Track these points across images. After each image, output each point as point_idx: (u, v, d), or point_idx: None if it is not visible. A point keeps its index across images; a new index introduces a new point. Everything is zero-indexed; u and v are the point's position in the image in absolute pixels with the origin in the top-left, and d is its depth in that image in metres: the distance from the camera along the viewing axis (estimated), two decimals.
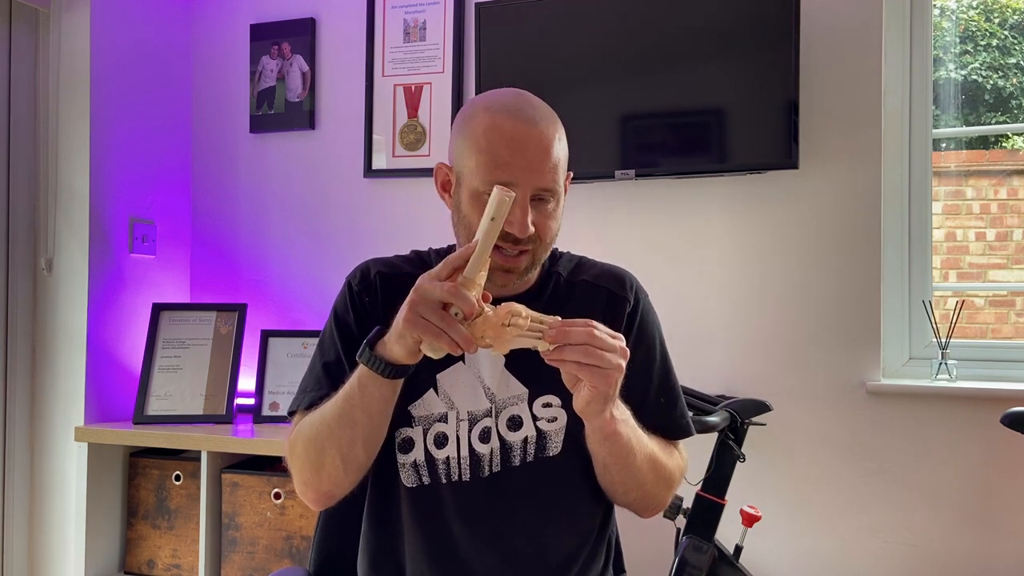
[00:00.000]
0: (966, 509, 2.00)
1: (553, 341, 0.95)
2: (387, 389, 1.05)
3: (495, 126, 1.09)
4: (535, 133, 1.09)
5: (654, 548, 1.95)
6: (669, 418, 1.23)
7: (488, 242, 0.97)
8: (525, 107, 1.12)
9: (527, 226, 1.08)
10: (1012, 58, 2.46)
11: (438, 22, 2.45)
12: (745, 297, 2.19)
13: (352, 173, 2.55)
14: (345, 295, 1.22)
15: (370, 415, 1.06)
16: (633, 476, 1.13)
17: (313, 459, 1.10)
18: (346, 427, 1.07)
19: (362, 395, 1.05)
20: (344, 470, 1.10)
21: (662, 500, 1.21)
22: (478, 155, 1.09)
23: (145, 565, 2.35)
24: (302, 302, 2.59)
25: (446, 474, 1.15)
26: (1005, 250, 2.76)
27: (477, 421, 1.16)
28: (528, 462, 1.15)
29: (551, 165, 1.10)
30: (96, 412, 2.36)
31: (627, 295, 1.22)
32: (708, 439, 1.86)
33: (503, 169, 1.08)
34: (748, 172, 2.14)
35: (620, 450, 1.09)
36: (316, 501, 1.15)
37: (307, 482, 1.13)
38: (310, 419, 1.13)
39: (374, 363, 1.02)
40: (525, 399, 1.16)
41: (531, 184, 1.08)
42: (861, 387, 2.08)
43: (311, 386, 1.18)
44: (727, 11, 2.11)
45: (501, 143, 1.08)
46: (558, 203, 1.14)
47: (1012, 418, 1.68)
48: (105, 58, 2.39)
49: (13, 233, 2.37)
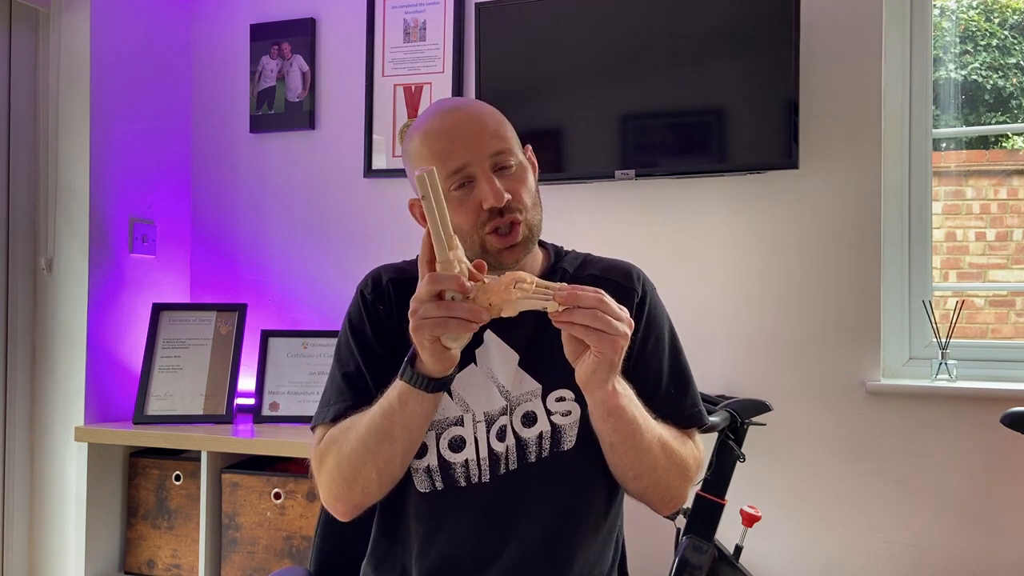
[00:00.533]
0: (966, 509, 2.00)
1: (564, 302, 0.96)
2: (429, 404, 1.06)
3: (427, 131, 1.14)
4: (462, 114, 1.14)
5: (654, 548, 1.95)
6: (680, 407, 1.21)
7: (438, 219, 0.95)
8: (445, 104, 1.17)
9: (500, 192, 1.10)
10: (1012, 58, 2.46)
11: (438, 22, 2.45)
12: (745, 297, 2.19)
13: (352, 173, 2.55)
14: (359, 304, 1.21)
15: (411, 430, 1.07)
16: (643, 458, 1.11)
17: (346, 474, 1.10)
18: (385, 443, 1.07)
19: (403, 411, 1.05)
20: (379, 484, 1.10)
21: (678, 491, 1.18)
22: (426, 163, 1.12)
23: (145, 565, 2.35)
24: (302, 302, 2.59)
25: (465, 477, 1.14)
26: (1005, 250, 2.76)
27: (494, 421, 1.15)
28: (544, 458, 1.14)
29: (491, 132, 1.13)
30: (96, 412, 2.36)
31: (635, 286, 1.22)
32: (708, 439, 1.86)
33: (450, 157, 1.11)
34: (748, 172, 2.14)
35: (625, 426, 1.07)
36: (346, 513, 1.15)
37: (337, 496, 1.13)
38: (341, 434, 1.12)
39: (417, 380, 1.02)
40: (539, 394, 1.15)
41: (481, 155, 1.11)
42: (861, 387, 2.08)
43: (334, 398, 1.17)
44: (727, 11, 2.11)
45: (437, 139, 1.12)
46: (523, 168, 1.16)
47: (1012, 418, 1.68)
48: (105, 58, 2.39)
49: (13, 233, 2.37)
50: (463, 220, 1.12)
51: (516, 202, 1.12)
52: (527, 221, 1.14)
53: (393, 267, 1.24)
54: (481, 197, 1.10)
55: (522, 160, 1.16)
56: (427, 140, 1.13)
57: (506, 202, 1.10)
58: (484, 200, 1.10)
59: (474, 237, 1.13)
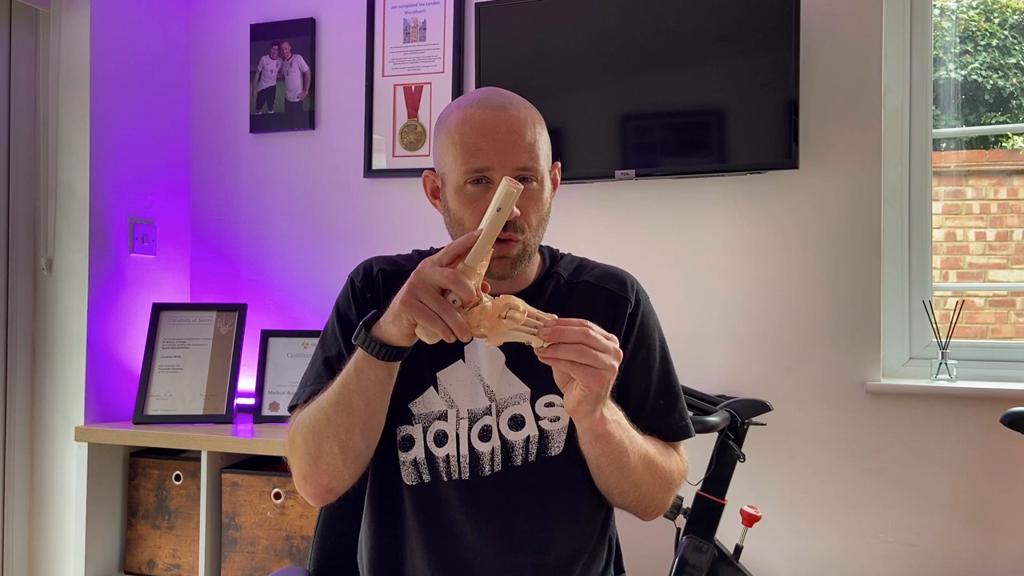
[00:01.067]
0: (966, 509, 2.00)
1: (548, 339, 0.95)
2: (383, 372, 1.05)
3: (466, 118, 1.12)
4: (504, 116, 1.12)
5: (654, 548, 1.95)
6: (668, 419, 1.22)
7: (492, 232, 0.97)
8: (494, 96, 1.15)
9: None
10: (1012, 58, 2.46)
11: (438, 22, 2.45)
12: (745, 297, 2.19)
13: (352, 173, 2.55)
14: (348, 291, 1.22)
15: (367, 400, 1.06)
16: (628, 477, 1.12)
17: (312, 449, 1.10)
18: (343, 414, 1.06)
19: (359, 379, 1.05)
20: (343, 460, 1.09)
21: (661, 502, 1.19)
22: (454, 149, 1.12)
23: (145, 565, 2.35)
24: (302, 302, 2.59)
25: (447, 472, 1.15)
26: (1005, 250, 2.76)
27: (477, 419, 1.16)
28: (530, 462, 1.15)
29: (525, 145, 1.11)
30: (96, 412, 2.36)
31: (628, 296, 1.22)
32: (708, 439, 1.86)
33: (477, 156, 1.10)
34: (748, 172, 2.14)
35: (612, 451, 1.08)
36: (315, 495, 1.14)
37: (306, 475, 1.12)
38: (308, 410, 1.12)
39: (370, 344, 1.02)
40: (527, 398, 1.16)
41: (507, 165, 1.10)
42: (861, 387, 2.08)
43: (311, 380, 1.18)
44: (727, 11, 2.11)
45: (473, 131, 1.11)
46: (542, 186, 1.15)
47: (1012, 418, 1.68)
48: (105, 58, 2.39)
49: (13, 233, 2.37)
50: (467, 216, 1.12)
51: (522, 221, 1.12)
52: (525, 241, 1.13)
53: (385, 259, 1.25)
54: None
55: (544, 177, 1.16)
56: (463, 127, 1.12)
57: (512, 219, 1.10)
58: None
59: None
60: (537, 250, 1.19)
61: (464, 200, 1.12)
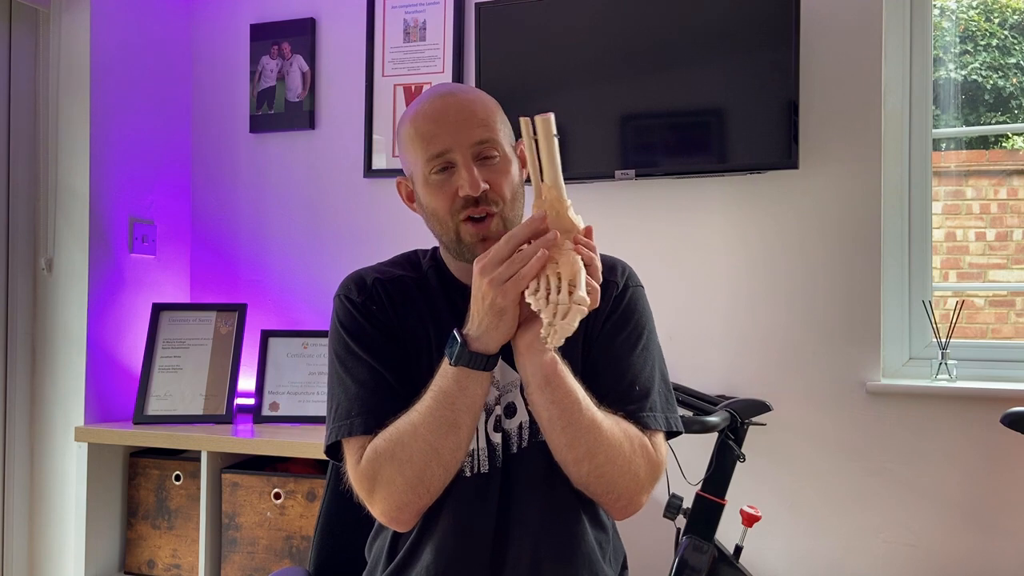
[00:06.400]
0: (966, 509, 2.00)
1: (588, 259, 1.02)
2: (487, 381, 1.07)
3: (419, 112, 1.15)
4: (453, 100, 1.14)
5: (654, 548, 1.95)
6: (639, 406, 1.15)
7: (550, 156, 1.03)
8: (443, 87, 1.18)
9: (477, 182, 1.09)
10: (1012, 58, 2.46)
11: (438, 22, 2.45)
12: (745, 297, 2.19)
13: (352, 173, 2.55)
14: (349, 311, 1.18)
15: (473, 414, 1.06)
16: (579, 437, 1.06)
17: (410, 478, 1.06)
18: (451, 434, 1.05)
19: (464, 395, 1.05)
20: (444, 479, 1.08)
21: (624, 489, 1.11)
22: (412, 144, 1.14)
23: (145, 565, 2.35)
24: (302, 302, 2.59)
25: (470, 467, 1.13)
26: (1005, 250, 2.76)
27: (491, 412, 1.15)
28: (523, 447, 1.14)
29: (479, 120, 1.12)
30: (96, 412, 2.36)
31: (616, 279, 1.22)
32: (708, 439, 1.86)
33: (434, 141, 1.11)
34: (748, 172, 2.14)
35: (563, 398, 1.05)
36: (410, 522, 1.11)
37: (402, 505, 1.08)
38: (389, 439, 1.08)
39: (475, 360, 1.04)
40: (517, 385, 1.15)
41: (464, 143, 1.11)
42: (861, 387, 2.08)
43: (356, 411, 1.12)
44: (727, 11, 2.11)
45: (426, 121, 1.13)
46: (507, 160, 1.15)
47: (1012, 418, 1.68)
48: (105, 58, 2.39)
49: (13, 233, 2.37)
50: (439, 205, 1.12)
51: (493, 193, 1.11)
52: (503, 214, 1.12)
53: (371, 269, 1.23)
54: (458, 184, 1.10)
55: (508, 153, 1.15)
56: (416, 121, 1.14)
57: (483, 192, 1.10)
58: (460, 187, 1.10)
59: (449, 223, 1.13)
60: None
61: (432, 189, 1.12)
